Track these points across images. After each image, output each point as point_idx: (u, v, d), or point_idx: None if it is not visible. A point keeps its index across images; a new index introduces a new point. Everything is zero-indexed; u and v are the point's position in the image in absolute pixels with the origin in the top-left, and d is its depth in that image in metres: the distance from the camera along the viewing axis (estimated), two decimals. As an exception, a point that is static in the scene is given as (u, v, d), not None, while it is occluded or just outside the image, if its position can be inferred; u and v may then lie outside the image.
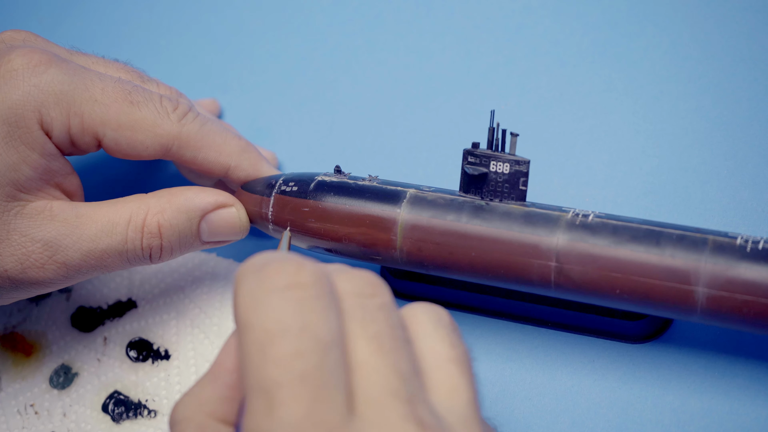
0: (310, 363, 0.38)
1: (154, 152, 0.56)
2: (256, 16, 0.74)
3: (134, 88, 0.55)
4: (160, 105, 0.56)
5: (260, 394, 0.38)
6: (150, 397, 0.59)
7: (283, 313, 0.39)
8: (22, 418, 0.60)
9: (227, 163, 0.57)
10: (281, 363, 0.38)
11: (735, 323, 0.49)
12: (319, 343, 0.39)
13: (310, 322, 0.39)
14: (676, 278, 0.49)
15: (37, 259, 0.54)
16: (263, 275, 0.40)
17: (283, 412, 0.38)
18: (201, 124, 0.56)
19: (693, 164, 0.61)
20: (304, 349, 0.38)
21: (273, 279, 0.40)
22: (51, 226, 0.54)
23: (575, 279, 0.51)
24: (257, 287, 0.40)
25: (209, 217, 0.57)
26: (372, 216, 0.55)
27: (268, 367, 0.38)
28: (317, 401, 0.38)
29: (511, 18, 0.70)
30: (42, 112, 0.53)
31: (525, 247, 0.52)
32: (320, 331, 0.39)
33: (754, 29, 0.65)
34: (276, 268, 0.40)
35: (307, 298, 0.39)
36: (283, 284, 0.39)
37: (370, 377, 0.39)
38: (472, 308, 0.58)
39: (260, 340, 0.39)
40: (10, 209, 0.54)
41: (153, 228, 0.55)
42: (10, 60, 0.54)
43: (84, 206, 0.55)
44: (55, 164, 0.54)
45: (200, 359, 0.59)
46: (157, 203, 0.56)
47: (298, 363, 0.38)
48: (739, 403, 0.53)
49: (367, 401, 0.39)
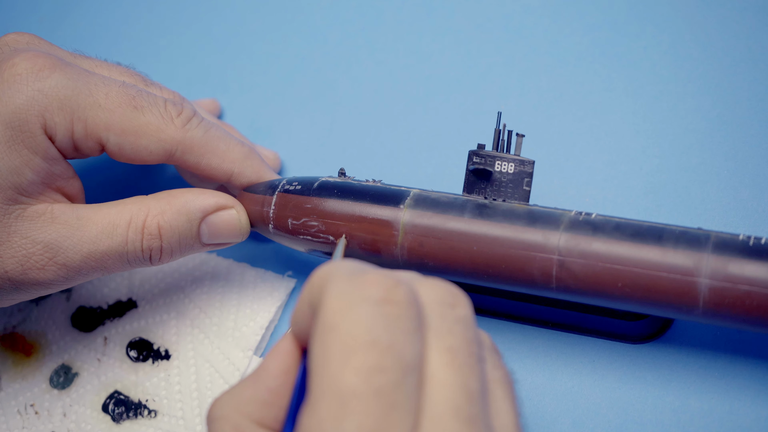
0: (389, 381, 0.38)
1: (157, 157, 0.56)
2: (256, 16, 0.74)
3: (138, 92, 0.55)
4: (165, 110, 0.56)
5: (333, 398, 0.38)
6: (150, 397, 0.59)
7: (374, 325, 0.39)
8: (22, 418, 0.60)
9: (230, 170, 0.57)
10: (362, 373, 0.38)
11: (737, 318, 0.49)
12: (402, 364, 0.39)
13: (397, 342, 0.39)
14: (679, 270, 0.49)
15: (38, 260, 0.54)
16: (359, 283, 0.40)
17: (351, 422, 0.37)
18: (205, 129, 0.56)
19: (693, 164, 0.61)
20: (387, 366, 0.38)
21: (369, 289, 0.40)
22: (52, 228, 0.54)
23: (577, 273, 0.51)
24: (351, 293, 0.40)
25: (209, 219, 0.57)
26: (374, 212, 0.55)
27: (347, 374, 0.38)
28: (386, 419, 0.38)
29: (511, 18, 0.70)
30: (46, 116, 0.53)
31: (527, 242, 0.51)
32: (405, 352, 0.39)
33: (754, 29, 0.65)
34: (373, 280, 0.40)
35: (399, 317, 0.39)
36: (379, 297, 0.39)
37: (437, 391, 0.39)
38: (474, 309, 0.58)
39: (346, 345, 0.39)
40: (12, 212, 0.54)
41: (153, 229, 0.55)
42: (14, 64, 0.54)
43: (84, 208, 0.55)
44: (58, 168, 0.54)
45: (200, 359, 0.59)
46: (157, 205, 0.56)
47: (378, 377, 0.38)
48: (739, 402, 0.53)
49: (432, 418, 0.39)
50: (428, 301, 0.41)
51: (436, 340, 0.40)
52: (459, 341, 0.40)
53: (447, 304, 0.41)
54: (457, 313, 0.41)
